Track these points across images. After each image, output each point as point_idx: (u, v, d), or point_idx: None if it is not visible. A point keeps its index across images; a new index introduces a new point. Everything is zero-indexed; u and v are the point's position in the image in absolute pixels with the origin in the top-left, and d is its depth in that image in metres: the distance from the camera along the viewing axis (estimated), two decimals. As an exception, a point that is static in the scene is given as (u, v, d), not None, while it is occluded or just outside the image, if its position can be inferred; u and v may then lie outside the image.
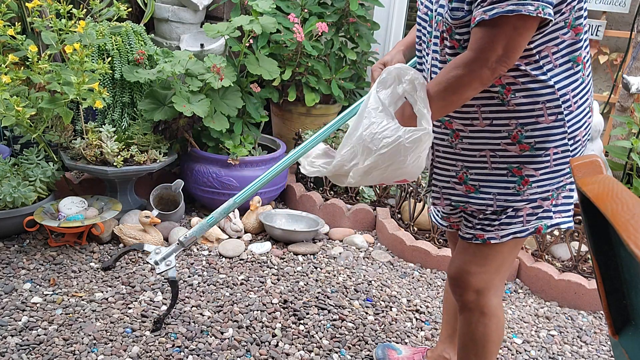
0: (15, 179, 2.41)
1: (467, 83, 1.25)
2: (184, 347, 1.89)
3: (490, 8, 1.18)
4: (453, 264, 1.52)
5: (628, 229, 0.69)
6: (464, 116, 1.38)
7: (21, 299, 2.07)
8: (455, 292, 1.52)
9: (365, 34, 3.31)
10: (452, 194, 1.47)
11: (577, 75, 1.33)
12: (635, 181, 2.63)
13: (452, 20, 1.29)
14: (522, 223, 1.40)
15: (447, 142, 1.43)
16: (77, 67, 2.30)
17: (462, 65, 1.24)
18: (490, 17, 1.18)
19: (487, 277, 1.47)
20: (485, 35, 1.21)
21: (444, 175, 1.48)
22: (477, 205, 1.42)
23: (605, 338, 2.26)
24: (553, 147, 1.34)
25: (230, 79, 2.74)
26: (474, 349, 1.55)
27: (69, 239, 2.46)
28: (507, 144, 1.35)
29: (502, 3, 1.17)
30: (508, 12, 1.17)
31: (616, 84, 3.16)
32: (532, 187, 1.37)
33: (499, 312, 1.53)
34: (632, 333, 0.94)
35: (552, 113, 1.32)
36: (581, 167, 0.89)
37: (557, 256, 2.60)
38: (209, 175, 2.79)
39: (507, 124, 1.34)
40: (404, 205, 2.83)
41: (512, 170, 1.37)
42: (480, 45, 1.22)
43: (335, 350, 1.97)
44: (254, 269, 2.43)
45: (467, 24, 1.28)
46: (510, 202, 1.39)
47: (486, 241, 1.42)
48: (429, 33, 1.41)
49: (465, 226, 1.47)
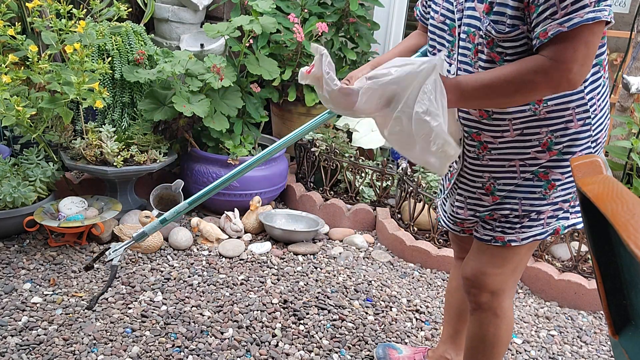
0: (15, 179, 2.41)
1: (538, 90, 1.20)
2: (184, 347, 1.89)
3: (568, 19, 1.14)
4: (469, 265, 1.50)
5: (628, 229, 0.69)
6: (495, 128, 1.36)
7: (21, 299, 2.07)
8: (470, 292, 1.51)
9: (365, 34, 3.31)
10: (479, 204, 1.45)
11: (601, 80, 1.33)
12: (635, 181, 2.63)
13: (497, 34, 1.24)
14: (542, 226, 1.40)
15: (474, 154, 1.41)
16: (77, 67, 2.30)
17: (540, 72, 1.18)
18: (570, 28, 1.14)
19: (503, 278, 1.46)
20: (566, 46, 1.16)
21: (470, 186, 1.46)
22: (503, 211, 1.41)
23: (605, 338, 2.26)
24: (579, 150, 1.34)
25: (230, 79, 2.74)
26: (483, 350, 1.55)
27: (69, 239, 2.46)
28: (537, 152, 1.34)
29: (580, 11, 1.13)
30: (588, 20, 1.13)
31: (616, 84, 3.15)
32: (558, 190, 1.37)
33: (510, 314, 1.53)
34: (632, 333, 0.94)
35: (581, 118, 1.31)
36: (581, 167, 0.89)
37: (557, 256, 2.60)
38: (209, 175, 2.79)
39: (537, 132, 1.33)
40: (404, 205, 2.83)
41: (539, 175, 1.36)
42: (561, 56, 1.16)
43: (335, 350, 1.97)
44: (254, 269, 2.43)
45: (512, 39, 1.24)
46: (536, 206, 1.38)
47: (506, 244, 1.41)
48: (450, 42, 1.37)
49: (484, 228, 1.46)
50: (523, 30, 1.23)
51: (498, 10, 1.23)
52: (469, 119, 1.39)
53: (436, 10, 1.41)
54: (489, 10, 1.25)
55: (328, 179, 3.01)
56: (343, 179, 3.04)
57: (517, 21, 1.22)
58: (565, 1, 1.14)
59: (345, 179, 3.00)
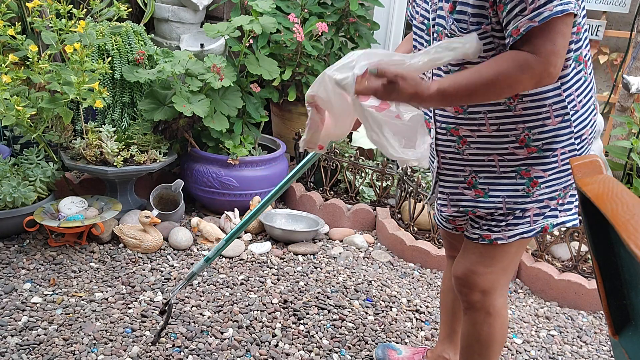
0: (15, 179, 2.41)
1: (522, 85, 1.20)
2: (184, 347, 1.89)
3: (537, 14, 1.16)
4: (459, 264, 1.51)
5: (628, 229, 0.69)
6: (471, 122, 1.37)
7: (21, 299, 2.07)
8: (462, 292, 1.51)
9: (365, 34, 3.31)
10: (461, 199, 1.46)
11: (580, 74, 1.33)
12: (635, 181, 2.63)
13: (460, 33, 1.26)
14: (529, 223, 1.40)
15: (455, 148, 1.42)
16: (77, 67, 2.30)
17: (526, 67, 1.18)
18: (542, 22, 1.15)
19: (494, 277, 1.46)
20: (544, 40, 1.17)
21: (451, 182, 1.47)
22: (486, 209, 1.41)
23: (605, 338, 2.26)
24: (560, 147, 1.34)
25: (230, 79, 2.74)
26: (478, 348, 1.55)
27: (69, 239, 2.46)
28: (515, 148, 1.35)
29: (549, 5, 1.15)
30: (558, 13, 1.15)
31: (616, 84, 3.15)
32: (541, 188, 1.37)
33: (504, 312, 1.53)
34: (632, 333, 0.94)
35: (559, 114, 1.31)
36: (581, 167, 0.89)
37: (557, 256, 2.60)
38: (209, 175, 2.79)
39: (514, 129, 1.34)
40: (404, 205, 2.83)
41: (521, 172, 1.37)
42: (542, 50, 1.17)
43: (335, 350, 1.97)
44: (254, 269, 2.43)
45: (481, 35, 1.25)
46: (520, 204, 1.38)
47: (493, 242, 1.42)
48: (427, 42, 1.40)
49: (472, 227, 1.46)
50: (486, 30, 1.24)
51: (460, 9, 1.25)
52: (446, 115, 1.41)
53: (417, 10, 1.44)
54: (452, 9, 1.27)
55: (328, 178, 3.01)
56: (343, 179, 3.04)
57: (480, 19, 1.24)
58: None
59: (345, 178, 3.00)
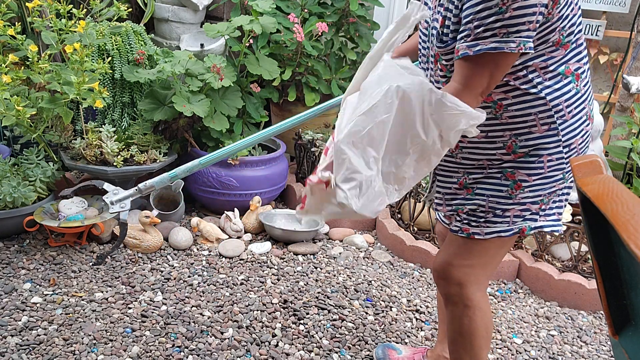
0: (15, 179, 2.41)
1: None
2: (184, 347, 1.89)
3: (475, 44, 1.21)
4: (438, 256, 1.56)
5: (628, 229, 0.69)
6: None
7: (21, 299, 2.07)
8: (439, 284, 1.55)
9: (365, 34, 3.31)
10: (454, 198, 1.49)
11: (569, 86, 1.33)
12: (635, 181, 2.63)
13: (438, 43, 1.32)
14: (507, 223, 1.42)
15: (449, 152, 1.45)
16: (77, 67, 2.30)
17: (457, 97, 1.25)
18: (475, 53, 1.21)
19: (470, 270, 1.49)
20: (471, 70, 1.23)
21: (446, 182, 1.51)
22: (470, 205, 1.45)
23: (605, 338, 2.26)
24: (547, 154, 1.36)
25: (230, 79, 2.74)
26: (462, 342, 1.56)
27: (69, 239, 2.46)
28: (503, 154, 1.38)
29: (486, 40, 1.19)
30: (491, 50, 1.19)
31: (616, 84, 3.15)
32: (525, 191, 1.39)
33: (483, 305, 1.53)
34: (632, 333, 0.94)
35: (545, 123, 1.34)
36: (581, 167, 0.89)
37: (557, 256, 2.60)
38: (208, 175, 2.79)
39: (501, 135, 1.37)
40: (404, 205, 2.83)
41: (506, 174, 1.39)
42: (466, 79, 1.24)
43: (335, 350, 1.97)
44: (254, 269, 2.43)
45: (448, 52, 1.31)
46: (502, 204, 1.41)
47: (470, 235, 1.45)
48: (428, 49, 1.44)
49: (456, 220, 1.50)
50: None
51: (447, 24, 1.29)
52: None
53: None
54: (442, 23, 1.31)
55: (328, 179, 3.01)
56: (343, 179, 3.03)
57: (457, 34, 1.27)
58: (479, 27, 1.19)
59: (345, 179, 2.99)
